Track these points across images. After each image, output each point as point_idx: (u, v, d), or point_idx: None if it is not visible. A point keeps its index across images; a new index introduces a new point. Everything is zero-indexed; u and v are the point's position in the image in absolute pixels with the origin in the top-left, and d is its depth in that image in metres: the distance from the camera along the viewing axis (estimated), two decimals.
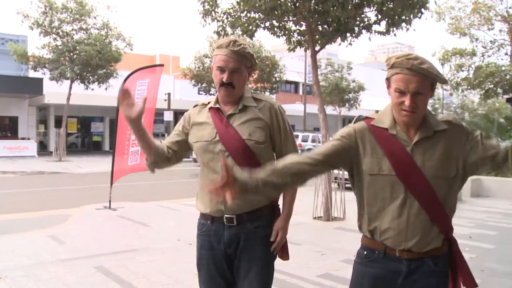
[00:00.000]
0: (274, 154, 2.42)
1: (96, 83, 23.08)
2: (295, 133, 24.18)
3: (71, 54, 22.13)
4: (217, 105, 2.40)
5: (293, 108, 38.72)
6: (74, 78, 22.30)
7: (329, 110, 32.26)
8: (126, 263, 5.28)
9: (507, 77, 19.25)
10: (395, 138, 1.97)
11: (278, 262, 2.51)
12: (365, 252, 2.09)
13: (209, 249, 2.38)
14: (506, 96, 22.46)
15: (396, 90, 1.90)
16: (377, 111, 2.15)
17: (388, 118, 2.01)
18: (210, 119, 2.39)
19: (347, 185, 8.93)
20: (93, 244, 6.25)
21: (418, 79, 1.86)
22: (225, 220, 2.33)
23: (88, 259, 5.42)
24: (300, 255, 5.69)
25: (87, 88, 23.29)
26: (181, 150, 2.52)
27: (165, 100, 25.70)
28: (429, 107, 2.05)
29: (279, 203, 2.49)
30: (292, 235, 7.42)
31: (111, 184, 9.06)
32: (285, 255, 2.51)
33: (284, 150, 2.38)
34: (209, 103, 2.46)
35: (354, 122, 2.10)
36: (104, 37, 22.46)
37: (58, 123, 25.70)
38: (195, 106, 2.53)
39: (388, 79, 1.97)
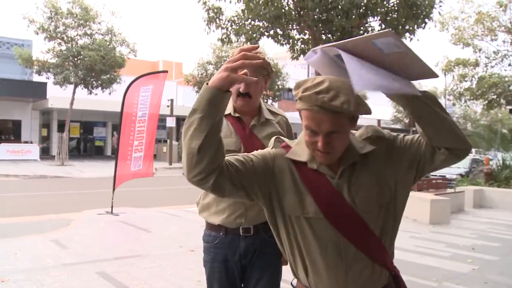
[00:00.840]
0: None
1: (100, 88, 23.18)
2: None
3: (75, 59, 22.23)
4: (237, 114, 2.37)
5: (295, 116, 38.33)
6: (77, 83, 22.39)
7: None
8: (128, 269, 5.28)
9: (510, 87, 19.26)
10: (318, 173, 1.61)
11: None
12: None
13: (223, 261, 2.33)
14: (509, 107, 22.43)
15: (307, 128, 1.54)
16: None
17: (305, 150, 1.64)
18: (231, 128, 2.34)
19: None
20: (95, 249, 6.25)
21: (330, 117, 1.48)
22: (241, 231, 2.30)
23: (90, 264, 5.42)
24: None
25: (90, 93, 23.37)
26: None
27: (168, 106, 25.74)
28: None
29: None
30: None
31: (113, 189, 9.07)
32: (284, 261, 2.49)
33: None
34: None
35: (272, 147, 1.74)
36: (108, 43, 22.57)
37: (61, 127, 25.76)
38: None
39: (299, 111, 1.57)
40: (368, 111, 1.53)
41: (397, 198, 1.67)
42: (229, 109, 2.35)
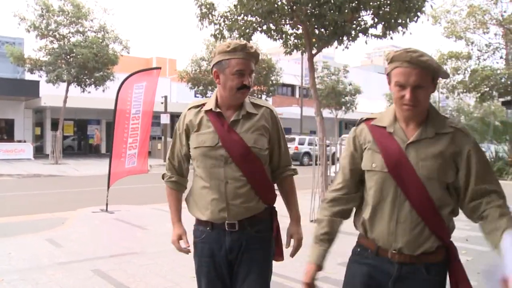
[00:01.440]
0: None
1: (93, 85, 23.07)
2: (291, 136, 24.19)
3: (68, 56, 22.11)
4: (218, 109, 2.34)
5: (289, 111, 38.74)
6: (70, 80, 22.27)
7: (326, 113, 32.34)
8: (124, 266, 5.28)
9: (502, 80, 19.33)
10: (391, 136, 1.96)
11: (276, 265, 2.52)
12: (358, 249, 2.13)
13: (210, 256, 2.34)
14: (501, 99, 22.56)
15: (396, 84, 1.87)
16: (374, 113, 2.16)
17: (389, 117, 2.01)
18: (210, 123, 2.33)
19: None
20: (91, 247, 6.24)
21: (418, 72, 1.83)
22: (226, 226, 2.30)
23: (86, 262, 5.41)
24: (298, 258, 5.68)
25: (83, 91, 23.26)
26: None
27: (162, 103, 25.68)
28: None
29: (276, 205, 2.50)
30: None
31: (108, 187, 9.06)
32: (279, 257, 2.51)
33: (282, 158, 2.48)
34: (203, 105, 2.40)
35: (356, 126, 2.13)
36: (101, 40, 22.45)
37: (55, 125, 25.66)
38: (190, 109, 2.45)
39: (388, 74, 1.94)
40: (447, 75, 1.97)
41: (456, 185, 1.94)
42: (210, 105, 2.37)
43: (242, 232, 2.30)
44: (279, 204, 2.56)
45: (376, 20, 8.43)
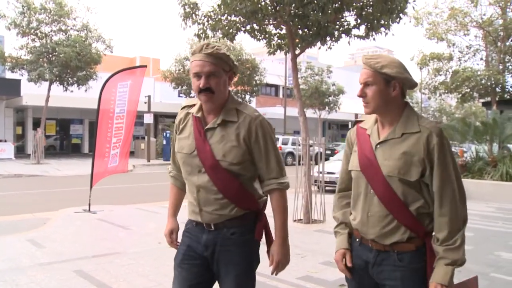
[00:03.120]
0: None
1: (76, 85, 22.82)
2: (275, 136, 24.11)
3: (50, 55, 21.85)
4: (199, 114, 2.31)
5: (273, 111, 38.78)
6: (53, 79, 22.02)
7: (309, 113, 32.49)
8: (106, 267, 5.25)
9: (483, 81, 19.62)
10: (368, 137, 2.19)
11: (259, 265, 2.52)
12: (353, 242, 2.31)
13: (186, 245, 2.39)
14: (482, 100, 22.91)
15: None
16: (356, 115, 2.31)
17: (372, 119, 2.25)
18: (192, 129, 2.32)
19: (327, 188, 9.02)
20: (73, 247, 6.19)
21: (366, 71, 2.11)
22: (204, 225, 2.33)
23: (68, 263, 5.37)
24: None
25: (66, 90, 23.00)
26: None
27: (145, 102, 25.54)
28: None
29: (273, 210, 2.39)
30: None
31: (91, 187, 8.98)
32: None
33: (266, 170, 2.30)
34: (194, 105, 2.39)
35: (351, 127, 2.40)
36: (83, 39, 22.23)
37: (36, 125, 25.33)
38: (183, 108, 2.45)
39: None
40: (397, 70, 2.08)
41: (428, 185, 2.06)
42: (194, 109, 2.35)
43: (219, 232, 2.29)
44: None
45: (359, 21, 8.49)
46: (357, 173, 2.19)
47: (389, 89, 2.09)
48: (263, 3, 8.01)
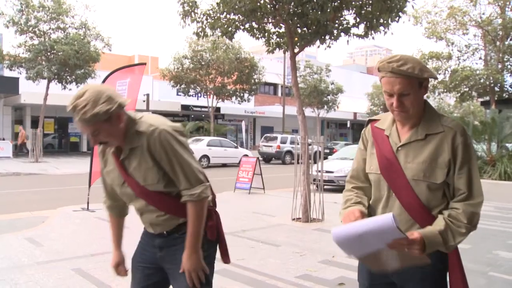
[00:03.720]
0: None
1: (74, 83, 22.76)
2: (273, 135, 23.92)
3: (48, 53, 21.79)
4: (112, 150, 2.28)
5: (272, 110, 38.82)
6: (51, 78, 21.96)
7: (308, 112, 32.52)
8: (105, 265, 5.24)
9: (481, 80, 19.64)
10: (387, 139, 2.10)
11: (258, 263, 2.52)
12: None
13: (140, 248, 2.49)
14: (480, 100, 22.92)
15: (385, 92, 2.01)
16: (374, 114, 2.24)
17: (389, 119, 2.15)
18: (114, 162, 2.30)
19: (325, 187, 9.05)
20: (71, 246, 6.18)
21: (400, 80, 1.92)
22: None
23: (66, 262, 5.36)
24: (279, 256, 5.73)
25: (64, 88, 22.95)
26: None
27: (144, 101, 25.51)
28: None
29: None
30: (271, 236, 7.46)
31: (89, 185, 8.97)
32: (225, 258, 2.49)
33: (178, 182, 2.20)
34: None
35: (365, 126, 2.28)
36: (82, 37, 22.18)
37: (35, 123, 25.28)
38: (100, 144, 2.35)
39: (381, 81, 2.06)
40: (432, 75, 1.98)
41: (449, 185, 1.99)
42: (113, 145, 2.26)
43: (170, 236, 2.32)
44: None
45: (358, 19, 8.48)
46: (377, 176, 2.09)
47: (422, 90, 2.00)
48: (262, 2, 8.00)
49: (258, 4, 7.95)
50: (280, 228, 7.59)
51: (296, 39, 8.73)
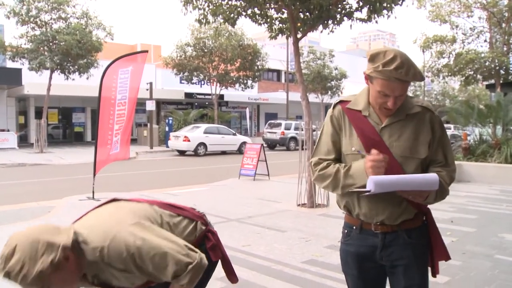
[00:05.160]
0: None
1: (77, 73, 22.74)
2: (277, 121, 23.95)
3: (50, 43, 21.72)
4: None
5: (275, 96, 38.69)
6: (54, 68, 21.93)
7: (312, 97, 32.36)
8: None
9: (486, 64, 19.47)
10: (367, 119, 2.12)
11: (264, 249, 2.51)
12: (346, 231, 2.26)
13: None
14: (485, 83, 22.75)
15: (380, 92, 2.01)
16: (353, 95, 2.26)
17: (363, 100, 2.15)
18: None
19: None
20: None
21: (403, 86, 1.98)
22: None
23: None
24: (285, 241, 5.74)
25: (67, 78, 22.94)
26: None
27: (147, 89, 25.49)
28: (410, 94, 2.11)
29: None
30: (277, 222, 7.46)
31: (94, 174, 8.99)
32: (232, 277, 2.40)
33: (164, 277, 2.02)
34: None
35: (333, 108, 2.25)
36: (84, 27, 22.08)
37: (39, 114, 25.31)
38: None
39: (369, 76, 2.04)
40: (423, 78, 2.04)
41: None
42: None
43: None
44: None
45: (361, 3, 8.40)
46: (362, 157, 2.08)
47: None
48: None
49: None
50: (285, 214, 7.60)
51: (298, 24, 8.66)
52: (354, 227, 2.19)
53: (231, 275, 2.40)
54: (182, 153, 22.44)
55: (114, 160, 9.43)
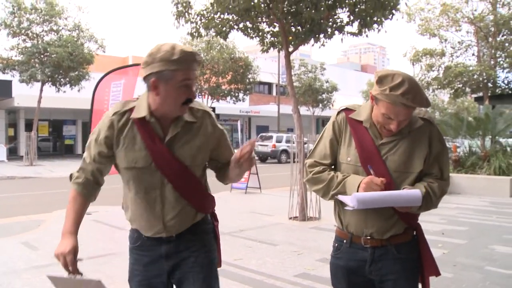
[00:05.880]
0: None
1: (68, 85, 22.69)
2: (269, 134, 24.06)
3: (42, 56, 21.69)
4: (153, 119, 2.05)
5: (267, 109, 38.83)
6: (45, 80, 21.87)
7: (303, 110, 32.47)
8: (102, 268, 5.23)
9: (475, 77, 19.71)
10: (367, 131, 2.10)
11: (256, 263, 2.51)
12: (336, 244, 2.24)
13: (143, 265, 2.15)
14: (474, 96, 22.99)
15: (384, 115, 2.00)
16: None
17: (366, 112, 2.12)
18: (139, 138, 2.10)
19: None
20: None
21: (408, 110, 1.97)
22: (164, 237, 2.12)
23: None
24: (277, 255, 5.73)
25: (58, 91, 22.87)
26: None
27: None
28: None
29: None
30: (269, 235, 7.45)
31: None
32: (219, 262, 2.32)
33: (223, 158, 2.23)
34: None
35: (337, 113, 2.22)
36: (75, 39, 22.09)
37: (29, 126, 25.18)
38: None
39: (375, 97, 2.01)
40: (429, 104, 1.99)
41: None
42: (142, 111, 2.03)
43: (180, 239, 2.12)
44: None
45: (352, 17, 8.50)
46: (355, 167, 2.09)
47: None
48: (256, 1, 8.00)
49: (252, 3, 7.95)
50: (277, 227, 7.60)
51: (290, 38, 8.74)
52: (345, 241, 2.19)
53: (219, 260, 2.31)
54: None
55: (109, 173, 9.35)
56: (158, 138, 2.01)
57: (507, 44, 19.78)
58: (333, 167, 2.22)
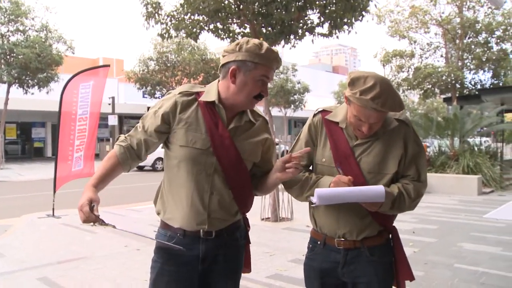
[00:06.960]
0: None
1: (36, 87, 22.19)
2: None
3: (8, 57, 21.15)
4: (221, 105, 2.11)
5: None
6: (11, 82, 21.33)
7: (275, 111, 32.70)
8: (72, 273, 5.12)
9: (443, 78, 20.12)
10: (342, 132, 2.10)
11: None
12: (311, 245, 2.24)
13: (176, 265, 2.08)
14: (443, 96, 23.47)
15: (356, 117, 1.98)
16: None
17: (342, 113, 2.12)
18: (201, 120, 2.13)
19: None
20: (36, 254, 6.00)
21: (379, 114, 1.94)
22: (202, 233, 2.06)
23: (31, 271, 5.21)
24: (260, 261, 5.71)
25: (26, 93, 22.34)
26: None
27: (109, 104, 25.09)
28: None
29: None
30: None
31: (54, 191, 8.75)
32: (247, 268, 2.41)
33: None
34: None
35: (314, 115, 2.22)
36: (43, 40, 21.61)
37: None
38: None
39: (348, 98, 2.00)
40: (402, 108, 1.97)
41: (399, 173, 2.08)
42: (212, 96, 2.08)
43: (219, 239, 2.09)
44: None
45: (322, 19, 8.56)
46: (330, 169, 2.08)
47: None
48: (226, 2, 7.99)
49: (222, 4, 7.93)
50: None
51: (261, 39, 8.74)
52: (319, 242, 2.18)
53: (247, 267, 2.40)
54: (140, 168, 21.98)
55: (78, 177, 9.18)
56: (222, 124, 2.05)
57: (473, 46, 20.26)
58: (308, 167, 2.22)
